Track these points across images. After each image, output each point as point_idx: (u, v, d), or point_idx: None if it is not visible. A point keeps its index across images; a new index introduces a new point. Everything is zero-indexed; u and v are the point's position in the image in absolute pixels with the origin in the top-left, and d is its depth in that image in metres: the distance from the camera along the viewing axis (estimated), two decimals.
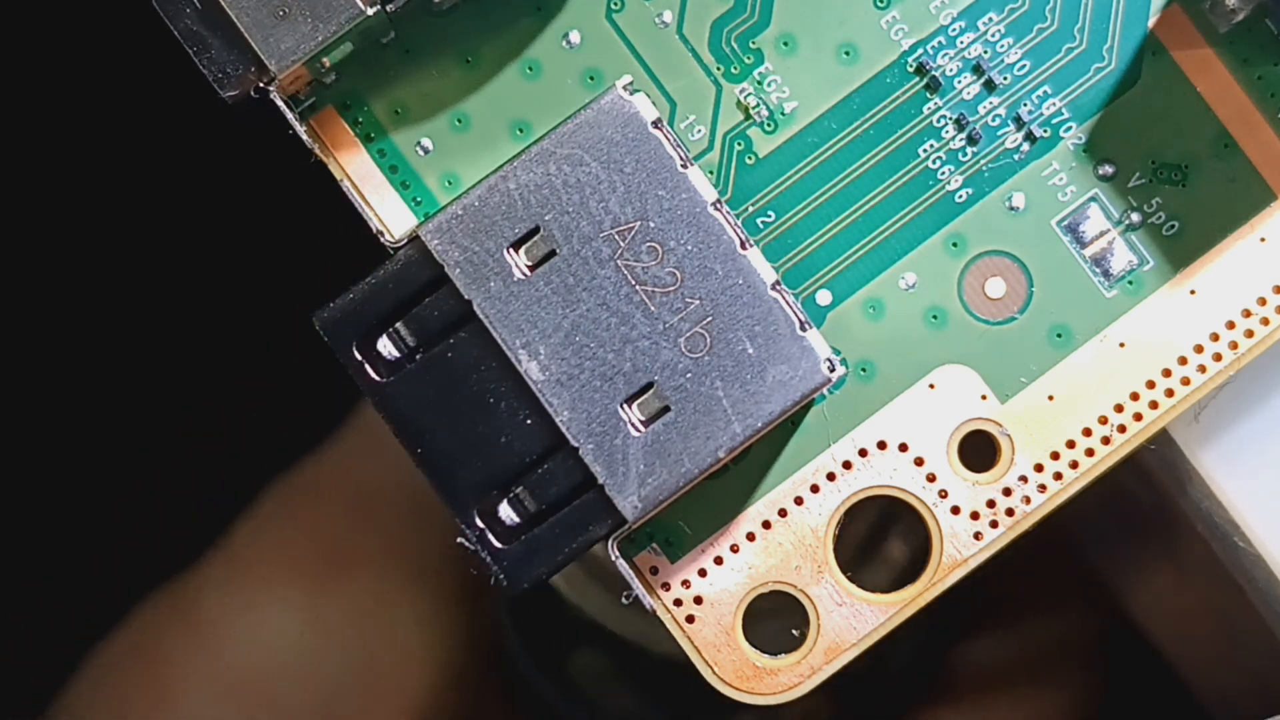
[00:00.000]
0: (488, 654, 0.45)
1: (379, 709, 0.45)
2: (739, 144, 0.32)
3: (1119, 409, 0.32)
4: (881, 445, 0.32)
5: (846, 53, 0.32)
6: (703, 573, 0.32)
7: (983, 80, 0.32)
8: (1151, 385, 0.32)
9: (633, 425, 0.31)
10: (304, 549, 0.45)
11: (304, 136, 0.32)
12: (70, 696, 0.45)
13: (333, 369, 0.45)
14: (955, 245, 0.32)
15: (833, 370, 0.31)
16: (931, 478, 0.32)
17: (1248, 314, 0.32)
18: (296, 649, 0.44)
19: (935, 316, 0.32)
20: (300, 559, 0.45)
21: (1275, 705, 0.35)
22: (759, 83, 0.32)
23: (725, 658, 0.32)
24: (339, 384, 0.45)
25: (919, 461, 0.32)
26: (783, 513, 0.32)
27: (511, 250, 0.31)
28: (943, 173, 0.32)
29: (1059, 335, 0.32)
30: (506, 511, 0.31)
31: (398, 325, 0.31)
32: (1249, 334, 0.32)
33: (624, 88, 0.31)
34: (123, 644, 0.45)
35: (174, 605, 0.45)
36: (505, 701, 0.46)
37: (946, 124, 0.32)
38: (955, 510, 0.32)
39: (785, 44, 0.32)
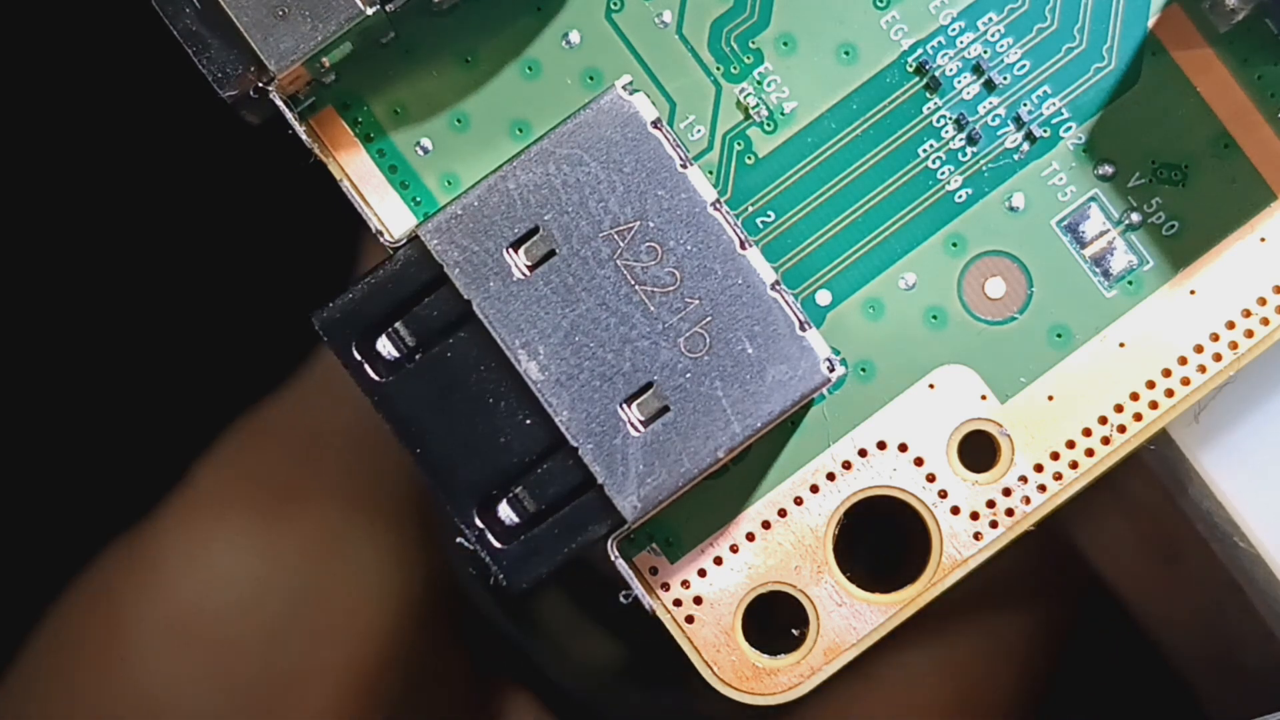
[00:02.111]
0: (447, 591, 0.45)
1: (332, 644, 0.45)
2: (739, 144, 0.32)
3: (1119, 409, 0.32)
4: (881, 445, 0.32)
5: (846, 53, 0.32)
6: (702, 573, 0.32)
7: (983, 80, 0.32)
8: (1151, 385, 0.32)
9: (632, 425, 0.31)
10: (259, 487, 0.45)
11: (304, 136, 0.32)
12: (30, 648, 0.45)
13: (288, 315, 0.45)
14: (955, 245, 0.32)
15: (832, 370, 0.31)
16: (931, 478, 0.32)
17: (1248, 314, 0.32)
18: (249, 585, 0.44)
19: (935, 316, 0.32)
20: (255, 496, 0.45)
21: (1275, 705, 0.35)
22: (759, 83, 0.32)
23: (725, 658, 0.32)
24: (295, 328, 0.45)
25: (919, 461, 0.32)
26: (782, 513, 0.32)
27: (511, 250, 0.31)
28: (943, 173, 0.32)
29: (1059, 335, 0.32)
30: (506, 511, 0.31)
31: (397, 325, 0.31)
32: (1249, 334, 0.32)
33: (623, 88, 0.31)
34: (80, 593, 0.45)
35: (133, 546, 0.45)
36: (464, 639, 0.46)
37: (946, 124, 0.32)
38: (955, 510, 0.32)
39: (785, 44, 0.32)
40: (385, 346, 0.31)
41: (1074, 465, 0.32)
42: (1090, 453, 0.32)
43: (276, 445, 0.45)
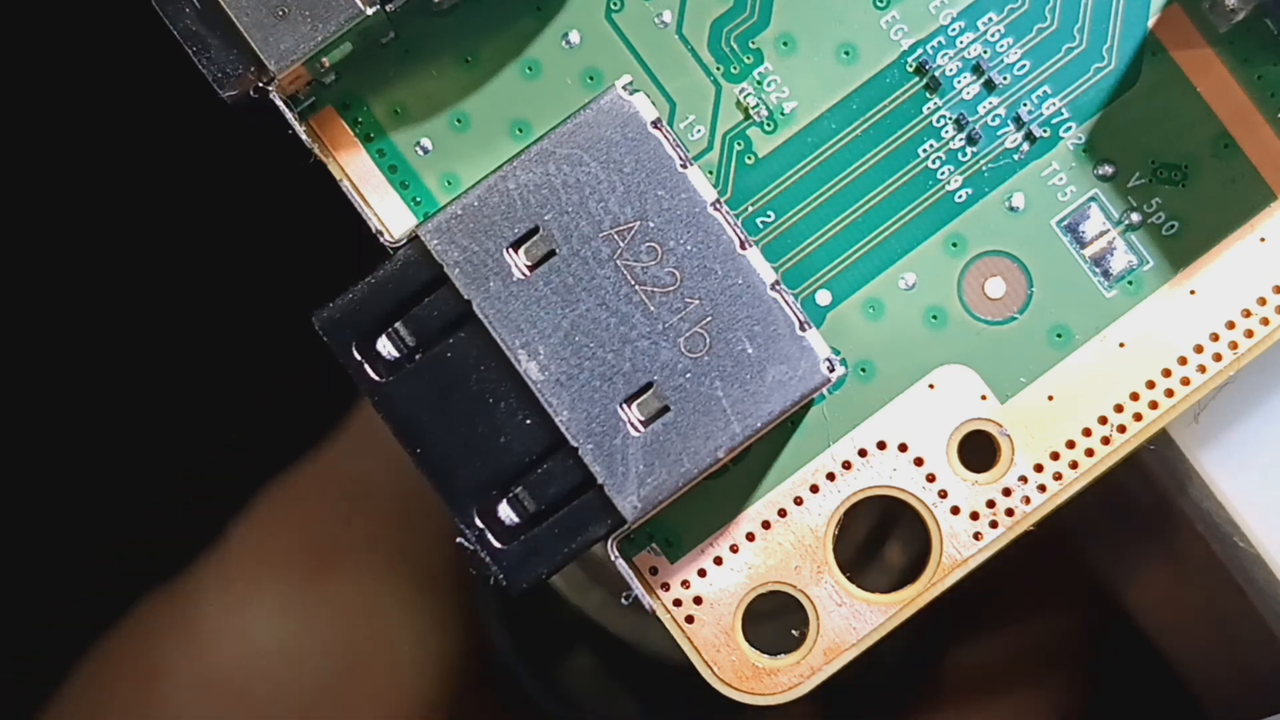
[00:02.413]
0: (479, 657, 0.45)
1: (367, 710, 0.44)
2: (739, 144, 0.32)
3: (1119, 409, 0.32)
4: (881, 445, 0.32)
5: (846, 53, 0.32)
6: (702, 573, 0.32)
7: (982, 80, 0.32)
8: (1151, 385, 0.32)
9: (632, 425, 0.31)
10: (295, 549, 0.45)
11: (303, 137, 0.32)
12: (63, 697, 0.45)
13: (326, 371, 0.45)
14: (955, 245, 0.32)
15: (832, 370, 0.31)
16: (931, 478, 0.32)
17: (1248, 314, 0.32)
18: (285, 649, 0.44)
19: (935, 316, 0.32)
20: (291, 559, 0.44)
21: (1275, 705, 0.35)
22: (759, 83, 0.32)
23: (725, 658, 0.32)
24: (333, 385, 0.45)
25: (919, 461, 0.32)
26: (782, 513, 0.32)
27: (511, 250, 0.31)
28: (942, 173, 0.32)
29: (1059, 335, 0.32)
30: (506, 511, 0.31)
31: (397, 325, 0.31)
32: (1249, 334, 0.32)
33: (623, 88, 0.31)
34: (117, 645, 0.45)
35: (168, 606, 0.45)
36: (496, 705, 0.46)
37: (946, 124, 0.32)
38: (955, 510, 0.32)
39: (785, 44, 0.32)
40: (385, 347, 0.31)
41: (1074, 465, 0.32)
42: (1090, 453, 0.32)
43: (314, 506, 0.45)
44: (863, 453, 0.32)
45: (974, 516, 0.32)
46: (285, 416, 0.47)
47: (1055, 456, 0.32)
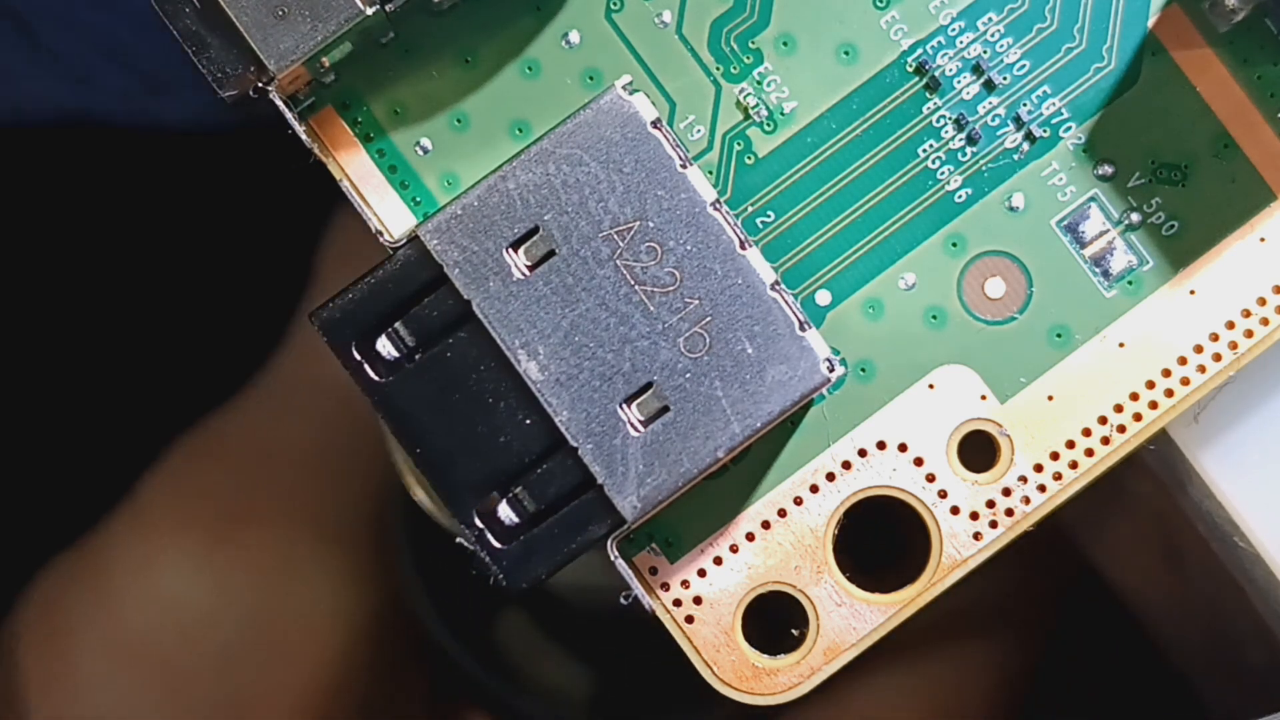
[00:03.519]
0: (400, 614, 0.45)
1: (284, 668, 0.44)
2: (738, 144, 0.32)
3: (1119, 409, 0.32)
4: (881, 445, 0.32)
5: (846, 53, 0.32)
6: (702, 573, 0.32)
7: (982, 80, 0.32)
8: (1151, 385, 0.32)
9: (632, 425, 0.31)
10: (208, 506, 0.44)
11: (303, 136, 0.32)
12: None
13: (240, 326, 0.45)
14: (955, 245, 0.32)
15: (832, 370, 0.31)
16: (931, 478, 0.32)
17: (1247, 314, 0.32)
18: (198, 607, 0.44)
19: (935, 316, 0.32)
20: (204, 516, 0.44)
21: (1275, 705, 0.35)
22: (758, 83, 0.32)
23: (724, 658, 0.32)
24: (247, 341, 0.45)
25: (918, 462, 0.32)
26: (782, 513, 0.32)
27: (511, 250, 0.31)
28: (942, 173, 0.32)
29: (1058, 335, 0.32)
30: (505, 511, 0.31)
31: (397, 325, 0.31)
32: (1249, 334, 0.32)
33: (623, 88, 0.31)
34: (25, 606, 0.45)
35: (77, 565, 0.44)
36: (419, 666, 0.46)
37: (946, 124, 0.32)
38: (955, 510, 0.32)
39: (785, 44, 0.32)
40: (385, 346, 0.31)
41: (1074, 465, 0.32)
42: (1090, 453, 0.32)
43: (226, 462, 0.45)
44: (862, 453, 0.32)
45: (974, 516, 0.32)
46: (198, 372, 0.46)
47: (1055, 456, 0.32)
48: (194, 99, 0.46)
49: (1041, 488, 0.32)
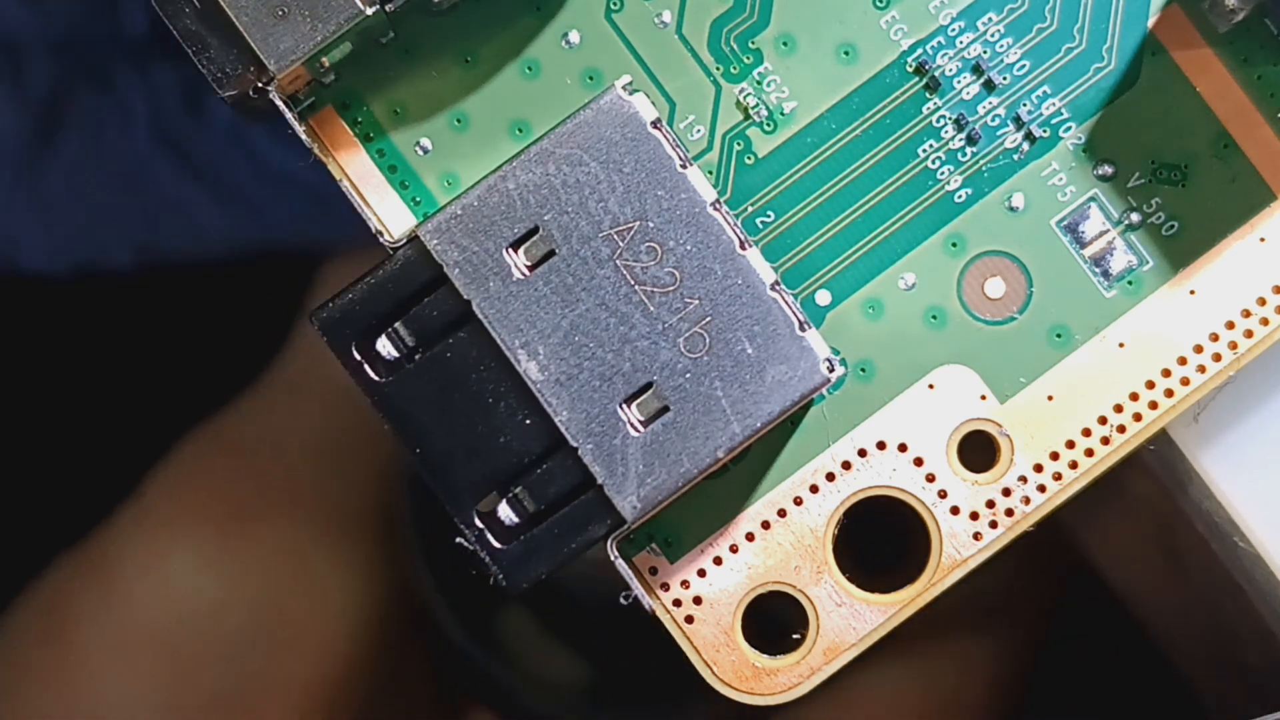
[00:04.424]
0: (408, 606, 0.45)
1: (291, 661, 0.44)
2: (738, 144, 0.32)
3: (1118, 409, 0.32)
4: (881, 445, 0.32)
5: (846, 53, 0.32)
6: (702, 573, 0.32)
7: (982, 80, 0.32)
8: (1151, 385, 0.32)
9: (632, 425, 0.31)
10: (214, 499, 0.44)
11: (303, 136, 0.32)
12: None
13: (244, 322, 0.44)
14: (955, 245, 0.32)
15: (832, 370, 0.31)
16: (931, 478, 0.32)
17: (1247, 314, 0.32)
18: (206, 600, 0.44)
19: (935, 316, 0.32)
20: (211, 509, 0.44)
21: (1275, 705, 0.35)
22: (758, 83, 0.32)
23: (724, 658, 0.32)
24: (251, 337, 0.45)
25: (918, 462, 0.32)
26: (782, 513, 0.32)
27: (511, 250, 0.31)
28: (942, 173, 0.32)
29: (1058, 335, 0.32)
30: (505, 511, 0.31)
31: (397, 325, 0.31)
32: (1249, 334, 0.32)
33: (623, 88, 0.31)
34: (32, 601, 0.45)
35: (84, 560, 0.44)
36: (426, 659, 0.46)
37: (946, 124, 0.32)
38: (955, 510, 0.32)
39: (784, 44, 0.32)
40: (385, 346, 0.31)
41: (1074, 465, 0.32)
42: (1090, 453, 0.32)
43: (234, 457, 0.45)
44: (862, 453, 0.32)
45: (974, 516, 0.32)
46: (203, 368, 0.46)
47: (1055, 456, 0.32)
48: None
49: (1041, 488, 0.32)
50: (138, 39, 0.47)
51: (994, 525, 0.32)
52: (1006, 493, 0.32)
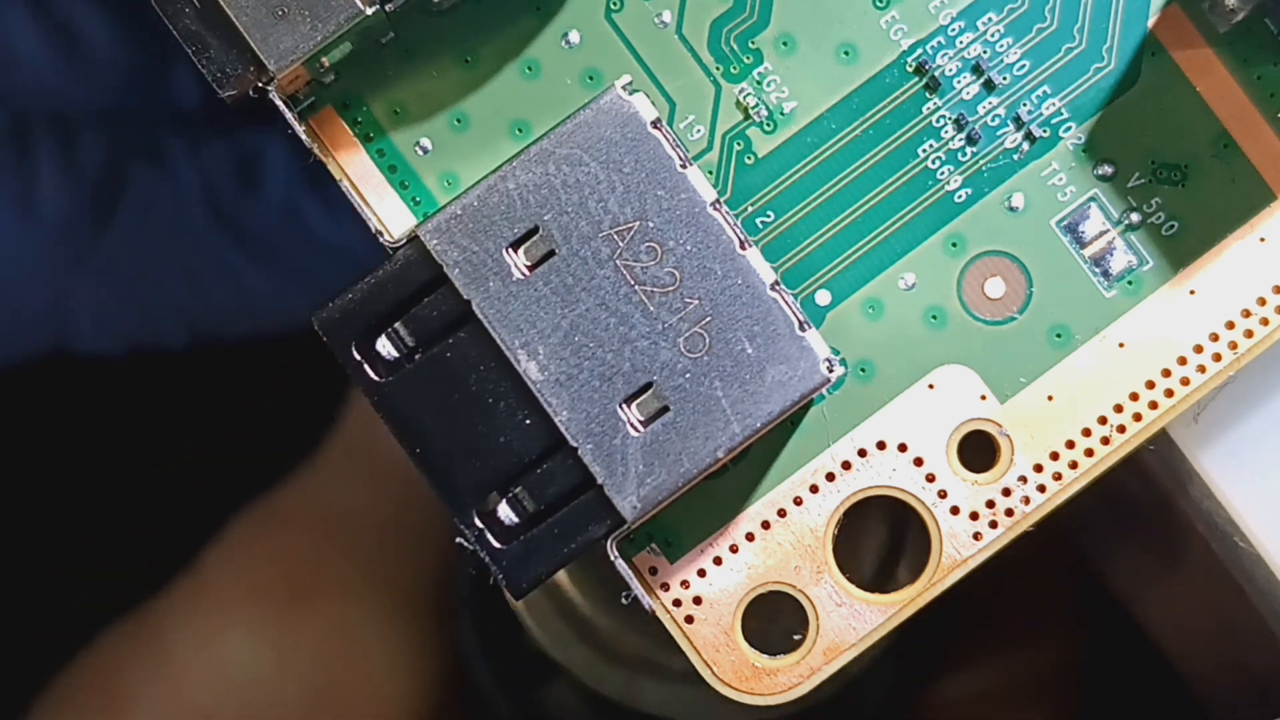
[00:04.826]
0: (458, 689, 0.45)
1: None
2: (738, 144, 0.32)
3: (1118, 409, 0.32)
4: (881, 445, 0.32)
5: (846, 53, 0.32)
6: (702, 573, 0.32)
7: (982, 80, 0.32)
8: (1151, 385, 0.32)
9: (632, 425, 0.31)
10: (270, 577, 0.44)
11: (303, 136, 0.32)
12: None
13: (303, 396, 0.45)
14: (955, 245, 0.32)
15: (832, 370, 0.31)
16: (931, 478, 0.32)
17: (1247, 314, 0.32)
18: (259, 679, 0.44)
19: (935, 316, 0.32)
20: (266, 587, 0.44)
21: (1276, 706, 0.35)
22: (758, 83, 0.32)
23: (724, 658, 0.32)
24: (310, 411, 0.45)
25: (918, 462, 0.32)
26: (782, 513, 0.32)
27: (510, 250, 0.31)
28: (942, 173, 0.32)
29: (1058, 335, 0.32)
30: (505, 512, 0.31)
31: (397, 325, 0.31)
32: (1249, 334, 0.32)
33: (623, 87, 0.31)
34: (84, 672, 0.45)
35: (138, 633, 0.44)
36: None
37: (946, 124, 0.32)
38: (955, 510, 0.32)
39: (784, 44, 0.32)
40: (385, 347, 0.31)
41: (1074, 465, 0.32)
42: (1090, 453, 0.32)
43: (290, 534, 0.45)
44: (862, 453, 0.32)
45: (974, 516, 0.32)
46: (262, 442, 0.46)
47: (1055, 456, 0.32)
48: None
49: (1041, 488, 0.32)
50: (189, 110, 0.47)
51: (994, 525, 0.32)
52: (1006, 493, 0.32)
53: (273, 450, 0.45)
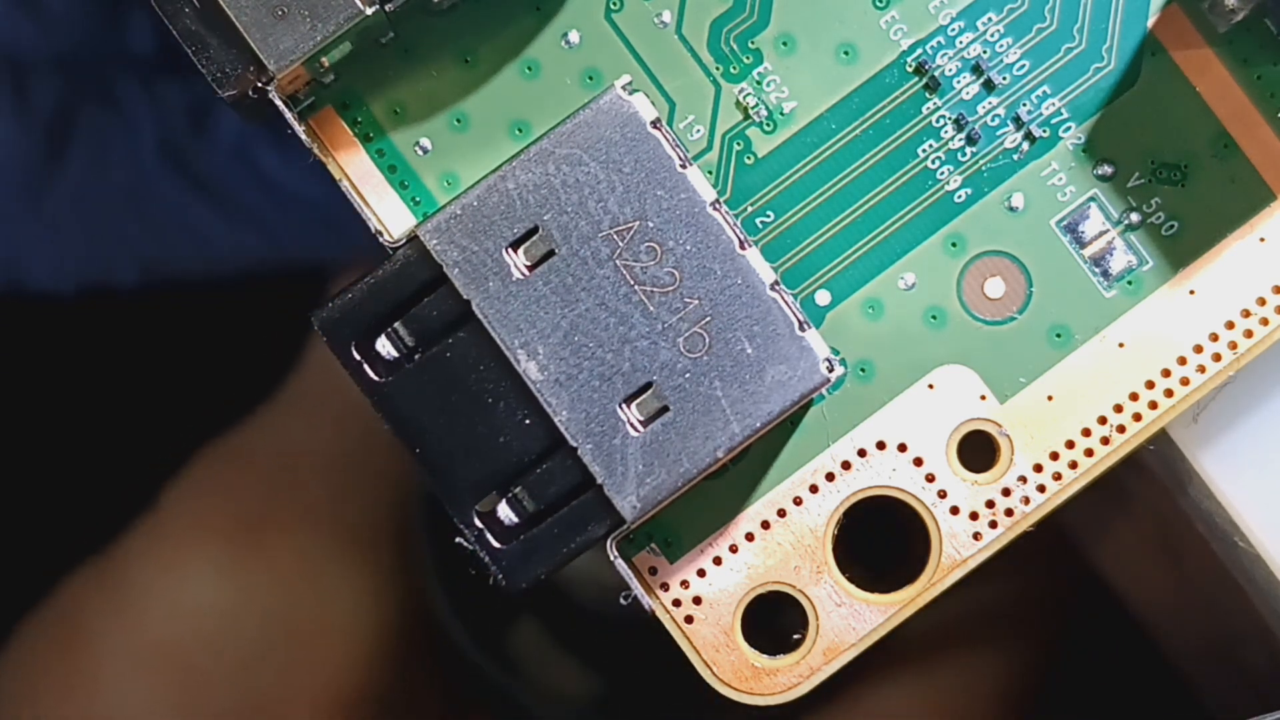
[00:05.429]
0: (420, 620, 0.45)
1: (305, 675, 0.44)
2: (738, 144, 0.32)
3: (1118, 409, 0.32)
4: (880, 445, 0.32)
5: (846, 52, 0.32)
6: (702, 573, 0.32)
7: (982, 80, 0.32)
8: (1151, 385, 0.32)
9: (631, 425, 0.31)
10: (230, 513, 0.44)
11: (303, 136, 0.32)
12: None
13: (261, 336, 0.44)
14: (954, 245, 0.32)
15: (831, 370, 0.31)
16: (931, 478, 0.32)
17: (1247, 314, 0.32)
18: (219, 613, 0.44)
19: (934, 316, 0.32)
20: (226, 523, 0.44)
21: (1275, 704, 0.35)
22: (758, 83, 0.32)
23: (724, 658, 0.32)
24: (268, 351, 0.45)
25: (918, 462, 0.32)
26: (782, 513, 0.32)
27: (510, 250, 0.31)
28: (942, 173, 0.32)
29: (1058, 335, 0.32)
30: (505, 511, 0.31)
31: (396, 325, 0.31)
32: (1248, 334, 0.32)
33: (623, 87, 0.31)
34: (46, 612, 0.45)
35: (98, 572, 0.45)
36: (438, 672, 0.46)
37: (946, 124, 0.32)
38: (954, 510, 0.32)
39: (784, 44, 0.32)
40: (385, 346, 0.31)
41: (1073, 465, 0.32)
42: (1090, 453, 0.32)
43: (248, 470, 0.45)
44: (862, 453, 0.32)
45: (973, 516, 0.32)
46: (217, 383, 0.46)
47: (1055, 456, 0.32)
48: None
49: (1041, 488, 0.32)
50: (144, 56, 0.47)
51: (994, 525, 0.32)
52: (1006, 493, 0.32)
53: (233, 390, 0.45)
